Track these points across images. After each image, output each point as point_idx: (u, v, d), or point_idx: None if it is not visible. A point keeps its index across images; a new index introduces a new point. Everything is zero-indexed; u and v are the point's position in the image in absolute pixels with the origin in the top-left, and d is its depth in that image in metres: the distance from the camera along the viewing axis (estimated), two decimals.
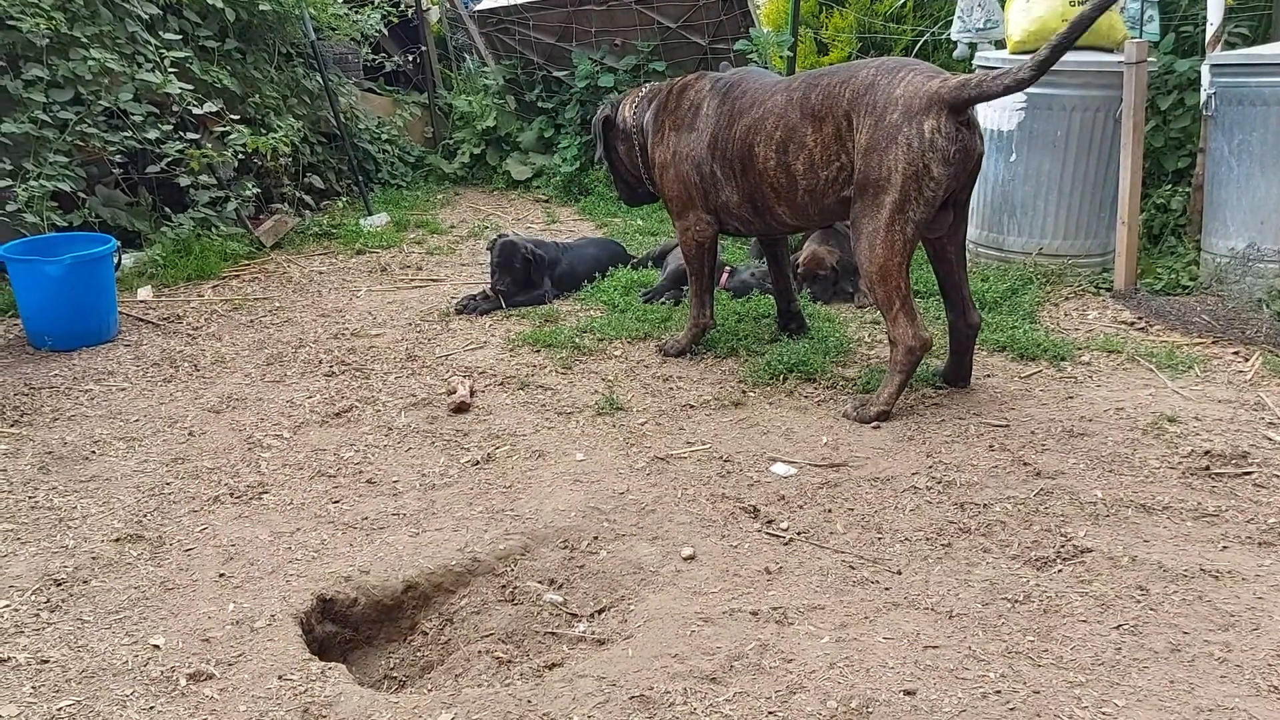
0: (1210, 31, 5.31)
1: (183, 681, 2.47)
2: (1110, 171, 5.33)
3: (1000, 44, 5.98)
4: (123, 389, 4.27)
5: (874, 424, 3.81)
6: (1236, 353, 4.44)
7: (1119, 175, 5.23)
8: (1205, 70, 5.16)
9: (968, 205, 3.98)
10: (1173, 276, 5.24)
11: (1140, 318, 4.89)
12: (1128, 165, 5.14)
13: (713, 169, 4.28)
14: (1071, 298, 5.24)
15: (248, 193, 6.34)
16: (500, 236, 5.41)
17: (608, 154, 4.82)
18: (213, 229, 6.08)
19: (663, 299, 5.23)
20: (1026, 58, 5.24)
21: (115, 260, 4.96)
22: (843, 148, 3.83)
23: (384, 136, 8.34)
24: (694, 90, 4.43)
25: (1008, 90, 3.64)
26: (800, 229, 4.40)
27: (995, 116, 5.47)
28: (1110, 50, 5.34)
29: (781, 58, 7.42)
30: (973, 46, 6.28)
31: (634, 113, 4.66)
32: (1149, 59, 5.14)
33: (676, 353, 4.56)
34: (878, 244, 3.74)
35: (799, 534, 3.10)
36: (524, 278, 5.27)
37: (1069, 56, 5.20)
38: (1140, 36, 5.54)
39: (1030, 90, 5.23)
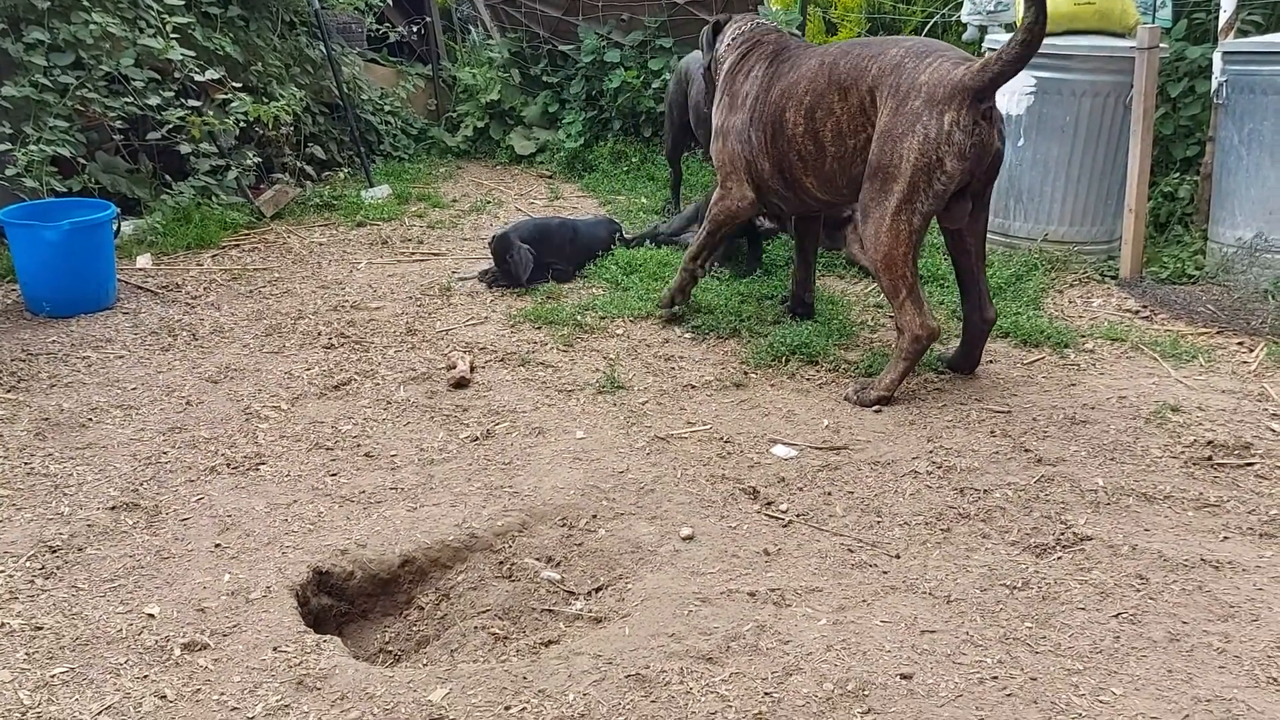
0: (1223, 19, 5.26)
1: (177, 651, 2.46)
2: (1119, 158, 5.29)
3: (1010, 27, 5.92)
4: (120, 357, 4.25)
5: (875, 408, 3.79)
6: (1241, 343, 4.41)
7: (1127, 162, 5.19)
8: (1217, 58, 5.12)
9: (988, 198, 3.92)
10: (1179, 265, 5.21)
11: (1145, 306, 4.87)
12: (1136, 152, 5.10)
13: (750, 135, 4.23)
14: (1076, 285, 5.21)
15: (248, 162, 6.30)
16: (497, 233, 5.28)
17: (708, 70, 4.69)
18: (213, 198, 6.04)
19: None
20: None
21: (114, 227, 4.93)
22: (867, 120, 3.79)
23: (387, 108, 8.28)
24: (756, 55, 4.34)
25: (1026, 52, 3.53)
26: (831, 205, 4.30)
27: (1004, 101, 5.42)
28: (1122, 35, 5.29)
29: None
30: (982, 29, 6.22)
31: (727, 44, 4.52)
32: (1160, 45, 5.09)
33: (668, 300, 4.64)
34: (883, 232, 3.71)
35: (798, 516, 3.09)
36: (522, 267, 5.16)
37: (1080, 41, 5.20)
38: (1153, 22, 5.49)
39: (1041, 75, 5.22)
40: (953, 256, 4.07)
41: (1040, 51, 5.12)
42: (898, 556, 2.87)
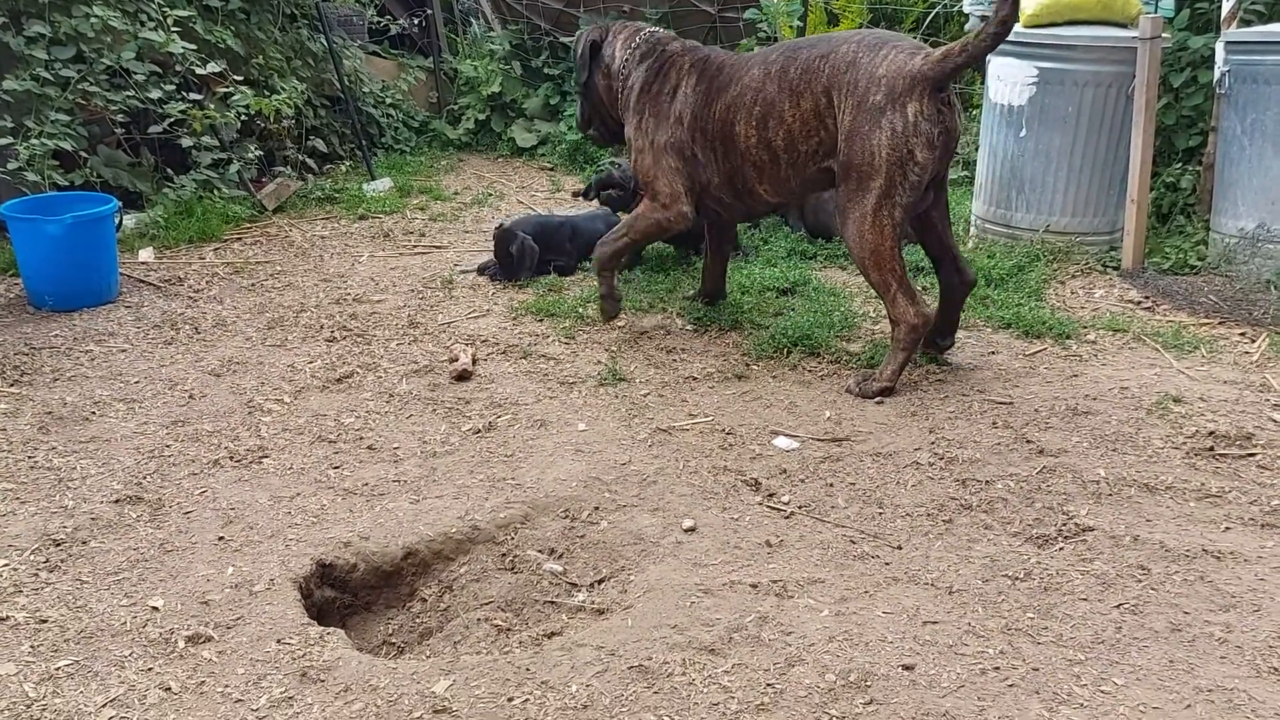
0: (1225, 8, 5.25)
1: (181, 643, 2.47)
2: (1121, 149, 5.28)
3: None
4: (123, 350, 4.25)
5: (877, 399, 3.79)
6: (1243, 333, 4.41)
7: (1129, 153, 5.18)
8: (1220, 47, 5.10)
9: (946, 180, 3.97)
10: (1181, 256, 5.20)
11: (1147, 297, 4.87)
12: (1138, 143, 5.09)
13: (694, 152, 4.15)
14: (1078, 275, 5.20)
15: (250, 155, 6.29)
16: (499, 224, 5.31)
17: (588, 86, 4.51)
18: (215, 191, 6.04)
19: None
20: (1040, 32, 5.24)
21: (116, 221, 4.93)
22: (821, 123, 3.77)
23: (388, 101, 8.27)
24: (675, 70, 4.21)
25: (994, 43, 3.60)
26: (780, 206, 4.34)
27: (1006, 91, 5.41)
28: (1124, 25, 5.27)
29: (791, 28, 7.35)
30: (985, 20, 6.20)
31: (625, 57, 4.35)
32: (1163, 35, 5.08)
33: (602, 288, 4.43)
34: (866, 230, 3.71)
35: (800, 508, 3.09)
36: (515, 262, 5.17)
37: (1083, 31, 5.18)
38: (1155, 12, 5.47)
39: (1042, 65, 5.21)
40: (920, 237, 4.09)
41: (1042, 42, 5.19)
42: (900, 548, 2.88)
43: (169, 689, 2.32)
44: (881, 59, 3.62)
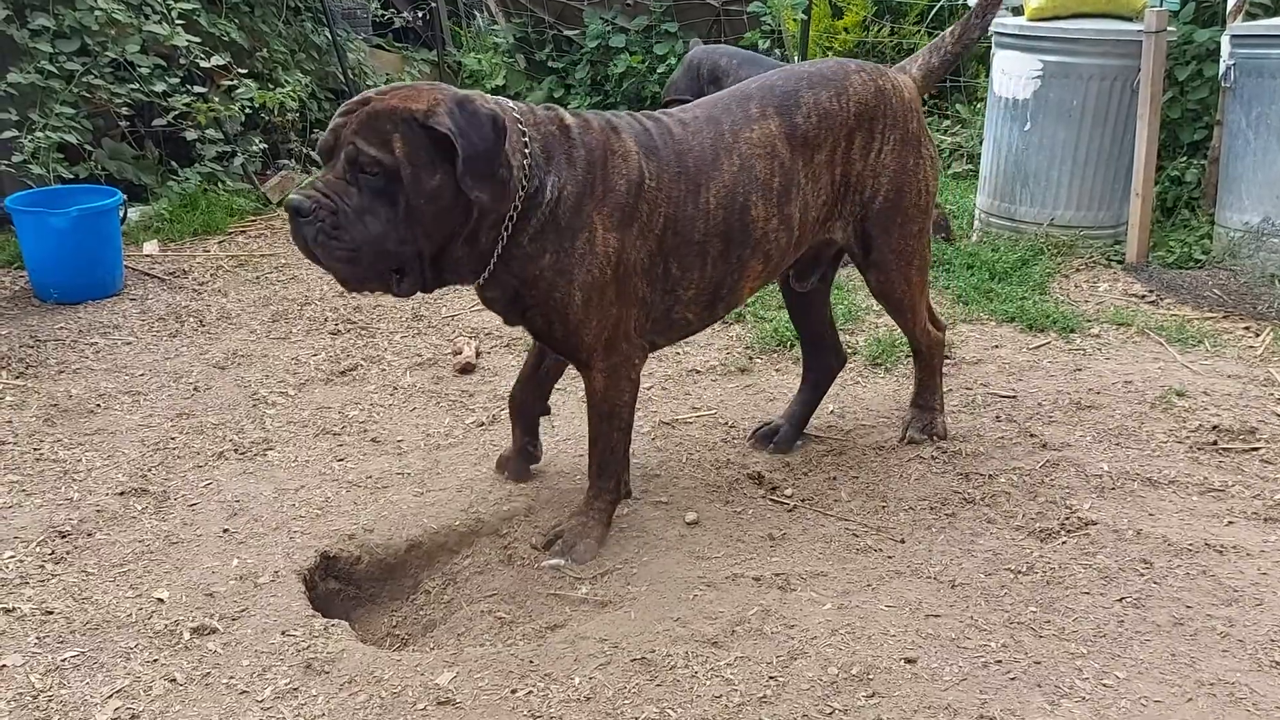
0: (1231, 1, 5.23)
1: (186, 635, 2.48)
2: (1125, 142, 5.26)
3: (1018, 10, 5.89)
4: (128, 343, 4.26)
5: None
6: (1248, 328, 4.41)
7: (1134, 146, 5.17)
8: (1225, 41, 5.08)
9: None
10: (1185, 250, 5.19)
11: (1151, 291, 4.86)
12: (1143, 136, 5.08)
13: (667, 268, 2.81)
14: (1083, 269, 5.19)
15: (255, 148, 6.29)
16: None
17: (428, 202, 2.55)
18: (219, 184, 6.05)
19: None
20: (1045, 25, 5.23)
21: (121, 214, 4.94)
22: (831, 175, 3.00)
23: None
24: (615, 158, 2.68)
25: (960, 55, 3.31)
26: (731, 309, 3.12)
27: (1010, 85, 5.40)
28: (1129, 19, 5.26)
29: (795, 21, 7.33)
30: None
31: (522, 161, 2.57)
32: (1168, 28, 5.07)
33: (591, 556, 2.84)
34: (913, 274, 3.23)
35: (803, 501, 3.10)
36: None
37: (1088, 24, 5.17)
38: (1160, 5, 5.45)
39: (1047, 58, 5.21)
40: (802, 313, 3.48)
41: (1047, 35, 5.19)
42: (902, 541, 2.88)
43: (174, 680, 2.34)
44: (898, 84, 3.12)
